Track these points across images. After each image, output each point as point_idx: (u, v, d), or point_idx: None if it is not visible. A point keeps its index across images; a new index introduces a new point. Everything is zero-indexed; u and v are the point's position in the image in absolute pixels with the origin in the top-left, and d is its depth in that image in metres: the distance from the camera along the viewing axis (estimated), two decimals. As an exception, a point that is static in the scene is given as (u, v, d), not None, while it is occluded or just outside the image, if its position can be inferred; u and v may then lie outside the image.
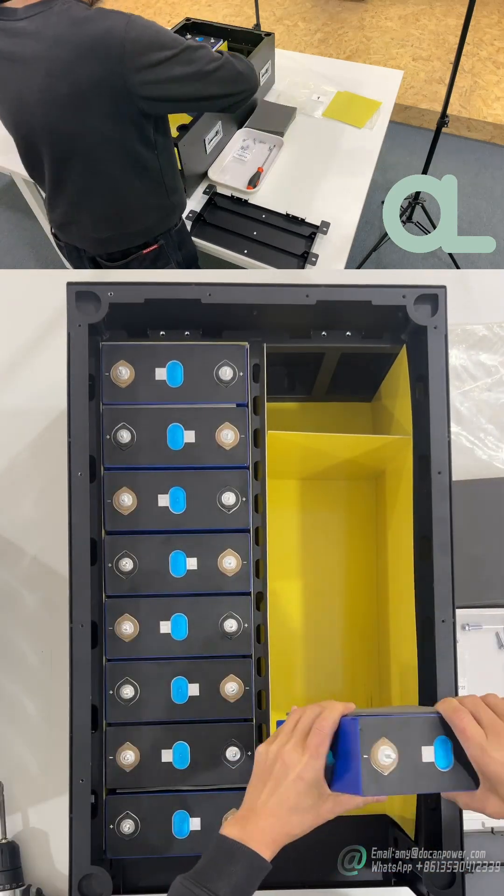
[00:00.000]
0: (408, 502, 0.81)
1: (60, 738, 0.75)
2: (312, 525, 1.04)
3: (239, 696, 0.80)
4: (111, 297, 0.77)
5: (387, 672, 0.94)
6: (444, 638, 0.75)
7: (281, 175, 1.94)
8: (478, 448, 1.13)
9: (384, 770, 0.57)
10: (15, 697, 1.02)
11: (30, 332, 1.16)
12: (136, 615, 0.80)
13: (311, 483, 1.04)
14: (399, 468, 0.87)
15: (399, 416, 0.85)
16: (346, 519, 1.04)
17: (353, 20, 4.05)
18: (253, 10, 2.40)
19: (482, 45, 3.73)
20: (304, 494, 1.04)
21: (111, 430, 0.80)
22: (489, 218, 3.02)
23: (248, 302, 0.79)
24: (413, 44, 3.81)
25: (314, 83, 2.25)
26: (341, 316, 0.83)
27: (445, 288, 0.79)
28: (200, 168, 1.87)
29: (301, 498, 1.04)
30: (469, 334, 1.17)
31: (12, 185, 2.75)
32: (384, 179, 3.07)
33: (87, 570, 0.75)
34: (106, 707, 0.79)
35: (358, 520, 1.04)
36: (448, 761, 0.58)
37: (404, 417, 0.83)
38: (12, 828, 0.97)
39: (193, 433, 0.81)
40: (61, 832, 0.76)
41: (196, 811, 0.78)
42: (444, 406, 0.79)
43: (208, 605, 0.81)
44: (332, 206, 1.84)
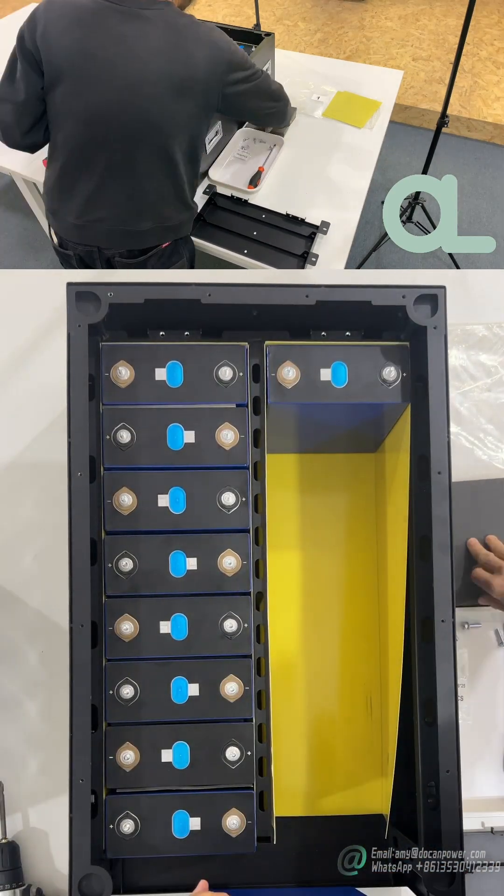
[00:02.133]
0: (404, 505, 0.82)
1: (60, 738, 0.76)
2: (312, 521, 1.04)
3: (239, 696, 0.80)
4: (111, 297, 0.77)
5: (385, 671, 0.94)
6: (444, 638, 0.75)
7: (281, 175, 1.94)
8: (478, 448, 1.13)
9: None
10: (15, 697, 1.02)
11: (29, 332, 1.16)
12: (135, 615, 0.80)
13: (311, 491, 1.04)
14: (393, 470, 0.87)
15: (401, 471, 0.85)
16: (345, 514, 1.04)
17: (353, 20, 4.05)
18: (253, 10, 2.40)
19: (482, 45, 3.73)
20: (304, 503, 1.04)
21: (111, 430, 0.80)
22: (489, 218, 3.02)
23: (248, 302, 0.79)
24: (413, 44, 3.81)
25: (314, 83, 2.25)
26: (341, 316, 0.83)
27: (445, 288, 0.79)
28: (201, 168, 1.87)
29: (302, 508, 1.04)
30: (469, 334, 1.18)
31: (12, 185, 2.76)
32: (384, 179, 3.08)
33: (86, 571, 0.75)
34: (106, 707, 0.79)
35: (357, 515, 1.04)
36: None
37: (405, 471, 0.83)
38: (12, 827, 0.97)
39: (193, 433, 0.81)
40: (61, 832, 0.76)
41: (196, 811, 0.78)
42: (443, 406, 0.79)
43: (208, 605, 0.81)
44: (332, 205, 1.84)
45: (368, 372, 0.82)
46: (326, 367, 0.82)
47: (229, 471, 0.81)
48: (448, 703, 0.75)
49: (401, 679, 0.81)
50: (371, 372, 0.82)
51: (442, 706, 0.75)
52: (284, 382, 0.82)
